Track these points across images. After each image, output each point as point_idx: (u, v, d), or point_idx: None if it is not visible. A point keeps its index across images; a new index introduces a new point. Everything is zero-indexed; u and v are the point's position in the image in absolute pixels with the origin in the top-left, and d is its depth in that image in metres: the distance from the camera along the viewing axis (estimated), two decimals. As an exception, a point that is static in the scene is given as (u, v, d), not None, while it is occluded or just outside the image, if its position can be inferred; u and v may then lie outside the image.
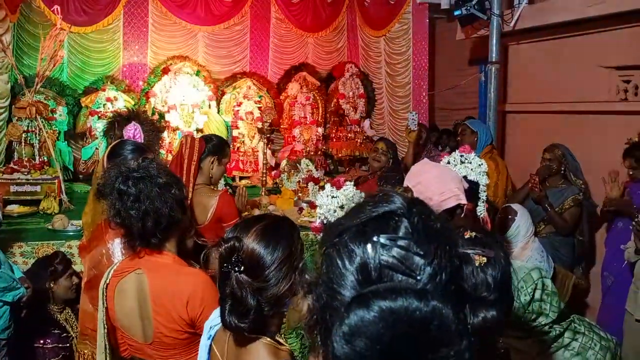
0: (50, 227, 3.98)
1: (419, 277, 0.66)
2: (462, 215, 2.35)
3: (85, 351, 2.26)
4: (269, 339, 1.39)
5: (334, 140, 7.36)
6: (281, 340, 1.45)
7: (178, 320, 1.76)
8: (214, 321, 1.55)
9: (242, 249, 1.37)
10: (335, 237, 0.74)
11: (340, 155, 7.33)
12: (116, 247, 2.13)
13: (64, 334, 3.10)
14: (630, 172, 3.90)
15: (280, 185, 5.45)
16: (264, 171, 5.20)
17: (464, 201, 2.16)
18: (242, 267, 1.35)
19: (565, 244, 4.00)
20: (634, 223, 3.24)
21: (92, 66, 6.43)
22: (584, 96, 4.80)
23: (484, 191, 2.82)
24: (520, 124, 5.61)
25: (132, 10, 6.65)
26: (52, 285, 3.11)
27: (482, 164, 2.80)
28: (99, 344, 1.95)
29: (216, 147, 3.16)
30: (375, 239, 0.69)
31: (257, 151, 6.74)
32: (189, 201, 2.86)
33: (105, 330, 1.91)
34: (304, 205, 4.47)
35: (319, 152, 7.12)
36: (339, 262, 0.70)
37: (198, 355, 1.61)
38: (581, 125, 4.85)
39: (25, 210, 4.45)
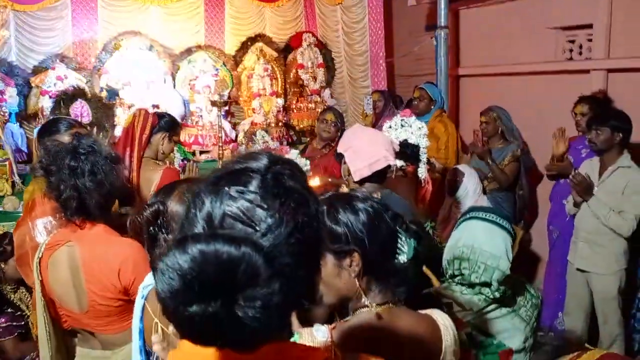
0: (1, 209, 3.94)
1: (257, 228, 0.72)
2: (395, 176, 2.43)
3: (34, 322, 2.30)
4: None
5: (295, 111, 7.35)
6: None
7: (111, 288, 1.80)
8: (146, 282, 1.61)
9: (167, 211, 1.42)
10: (198, 187, 0.79)
11: (302, 126, 7.33)
12: (39, 227, 2.15)
13: (18, 313, 3.11)
14: (579, 119, 4.01)
15: (238, 158, 5.45)
16: (221, 144, 5.19)
17: (392, 162, 2.23)
18: (169, 229, 1.40)
19: (507, 199, 4.17)
20: (570, 178, 3.38)
21: (41, 45, 6.24)
22: (532, 57, 4.91)
23: (425, 153, 2.92)
24: (473, 87, 5.72)
25: (79, -15, 6.46)
26: (2, 265, 3.10)
27: (422, 127, 2.89)
28: (39, 317, 1.99)
29: (168, 124, 3.19)
30: (226, 189, 0.74)
31: (215, 125, 6.70)
32: (134, 173, 2.89)
33: (43, 303, 1.95)
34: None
35: (280, 124, 7.12)
36: (192, 209, 0.76)
37: (134, 315, 1.66)
38: (530, 86, 4.97)
39: (-24, 194, 4.39)
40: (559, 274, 3.93)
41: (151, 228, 1.47)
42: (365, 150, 2.20)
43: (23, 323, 3.13)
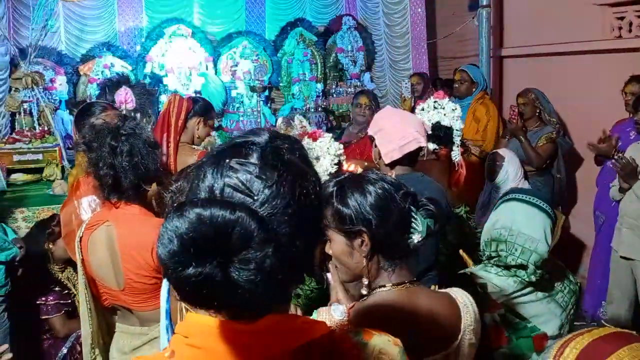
0: (51, 192, 4.13)
1: (255, 198, 0.75)
2: (427, 159, 2.40)
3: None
4: None
5: (335, 95, 7.34)
6: None
7: (145, 266, 1.87)
8: None
9: None
10: (202, 160, 0.82)
11: (341, 110, 7.32)
12: (84, 205, 2.24)
13: (65, 291, 3.26)
14: (629, 99, 3.84)
15: (277, 143, 5.50)
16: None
17: (424, 144, 2.20)
18: None
19: (546, 183, 4.06)
20: (613, 161, 3.25)
21: (88, 33, 6.47)
22: (579, 36, 4.71)
23: (459, 136, 2.86)
24: (517, 68, 5.54)
25: (124, -26, 6.63)
26: (50, 246, 3.25)
27: (455, 109, 2.84)
28: (80, 294, 2.08)
29: (203, 108, 3.25)
30: (227, 161, 0.77)
31: (256, 110, 6.77)
32: (171, 158, 2.97)
33: (85, 281, 2.04)
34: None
35: (319, 109, 7.12)
36: (196, 181, 0.79)
37: (160, 295, 1.72)
38: (577, 66, 4.77)
39: (29, 178, 4.62)
40: (604, 261, 3.80)
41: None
42: (396, 132, 2.17)
43: (70, 301, 3.28)
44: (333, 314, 1.21)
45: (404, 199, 1.28)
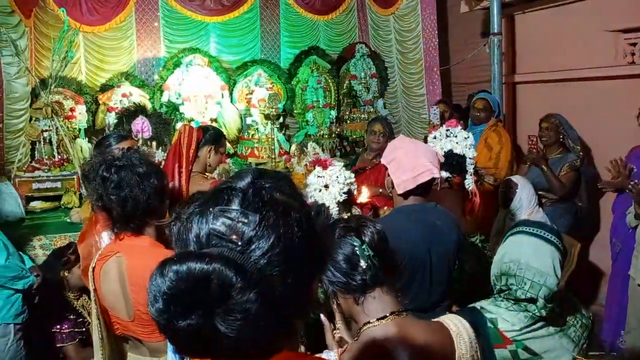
0: (68, 220, 4.20)
1: (239, 243, 0.76)
2: (440, 188, 2.40)
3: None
4: None
5: (348, 122, 7.40)
6: None
7: (152, 298, 1.89)
8: None
9: None
10: (188, 208, 0.84)
11: (355, 136, 7.36)
12: (104, 239, 2.28)
13: (80, 319, 3.30)
14: None
15: (291, 170, 5.55)
16: (274, 157, 5.30)
17: (437, 175, 2.20)
18: None
19: (568, 211, 4.01)
20: (629, 187, 3.22)
21: (108, 63, 6.63)
22: (591, 62, 4.72)
23: (472, 164, 2.86)
24: (530, 95, 5.54)
25: (143, 7, 6.81)
26: (66, 274, 3.30)
27: (467, 137, 2.84)
28: (93, 323, 2.11)
29: (213, 136, 3.30)
30: (210, 209, 0.79)
31: (271, 137, 6.85)
32: (184, 188, 3.01)
33: (98, 311, 2.07)
34: (312, 187, 4.56)
35: (333, 135, 7.17)
36: (184, 232, 0.81)
37: None
38: (590, 92, 4.77)
39: (47, 206, 4.71)
40: (622, 289, 3.73)
41: None
42: (409, 163, 2.17)
43: (84, 329, 3.32)
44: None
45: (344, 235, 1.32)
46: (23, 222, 4.15)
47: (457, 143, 2.73)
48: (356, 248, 1.31)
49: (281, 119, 6.92)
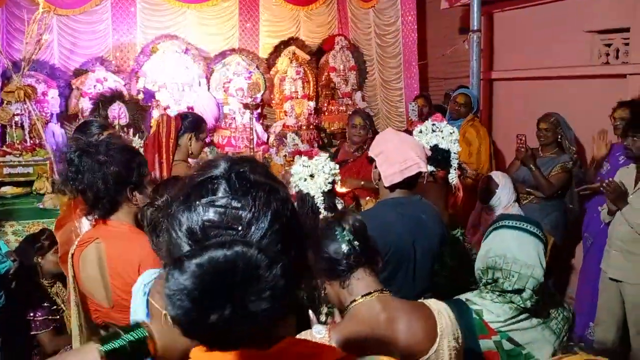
0: (41, 206, 4.10)
1: (239, 228, 0.75)
2: (425, 182, 2.42)
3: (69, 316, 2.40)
4: None
5: (326, 113, 7.40)
6: None
7: (132, 284, 1.85)
8: (145, 279, 1.69)
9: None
10: (168, 208, 0.82)
11: (332, 128, 7.37)
12: (84, 224, 2.23)
13: (54, 307, 3.23)
14: (618, 124, 3.89)
15: (269, 160, 5.53)
16: (252, 147, 5.27)
17: (424, 169, 2.22)
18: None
19: (556, 208, 4.09)
20: (603, 185, 3.31)
21: (82, 48, 6.47)
22: (568, 61, 4.81)
23: (456, 159, 2.89)
24: (507, 91, 5.63)
25: (119, -10, 6.66)
26: (39, 260, 3.23)
27: (453, 132, 2.87)
28: (72, 311, 2.07)
29: (192, 123, 3.25)
30: (197, 202, 0.77)
31: (249, 127, 6.80)
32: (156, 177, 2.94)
33: (77, 298, 2.03)
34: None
35: (311, 126, 7.16)
36: (172, 232, 0.78)
37: (135, 314, 1.71)
38: (565, 91, 4.86)
39: (18, 191, 4.59)
40: (592, 282, 3.84)
41: (161, 218, 1.56)
42: (397, 156, 2.19)
43: (58, 317, 3.25)
44: (315, 335, 1.24)
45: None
46: (-7, 208, 4.04)
47: (442, 138, 2.75)
48: (337, 234, 1.41)
49: (259, 109, 6.87)
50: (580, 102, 4.67)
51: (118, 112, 3.97)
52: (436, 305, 1.37)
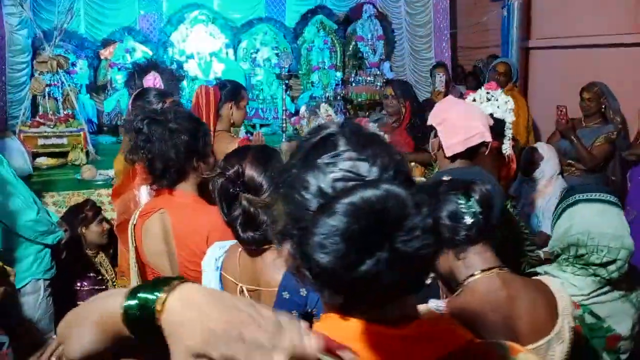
0: (79, 177, 4.11)
1: (368, 179, 0.72)
2: (487, 152, 2.35)
3: (124, 286, 2.40)
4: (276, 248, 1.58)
5: (353, 84, 7.27)
6: None
7: (200, 255, 1.84)
8: (216, 254, 1.69)
9: (244, 173, 1.51)
10: (284, 176, 0.78)
11: (360, 99, 7.26)
12: (143, 193, 2.22)
13: (99, 277, 3.25)
14: None
15: (300, 132, 5.47)
16: (284, 118, 5.19)
17: (488, 139, 2.14)
18: (248, 188, 1.51)
19: (599, 182, 3.99)
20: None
21: (108, 17, 6.40)
22: (608, 29, 4.65)
23: (510, 129, 2.81)
24: (544, 60, 5.48)
25: (145, -42, 6.55)
26: (83, 230, 3.24)
27: (508, 101, 2.77)
28: (132, 282, 2.06)
29: (231, 92, 3.18)
30: (320, 161, 0.74)
31: (276, 98, 6.73)
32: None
33: (137, 269, 2.02)
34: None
35: (338, 97, 7.06)
36: (297, 195, 0.74)
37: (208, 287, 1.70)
38: (606, 59, 4.72)
39: (54, 163, 4.59)
40: (635, 255, 3.77)
41: (234, 188, 1.53)
42: (461, 125, 2.11)
43: (104, 287, 3.28)
44: (433, 310, 1.19)
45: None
46: (31, 179, 4.04)
47: (497, 107, 2.67)
48: (462, 205, 1.33)
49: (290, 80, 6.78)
50: (622, 71, 4.53)
51: (153, 82, 3.92)
52: (554, 284, 1.31)
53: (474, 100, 2.67)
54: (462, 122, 2.11)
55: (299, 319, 0.64)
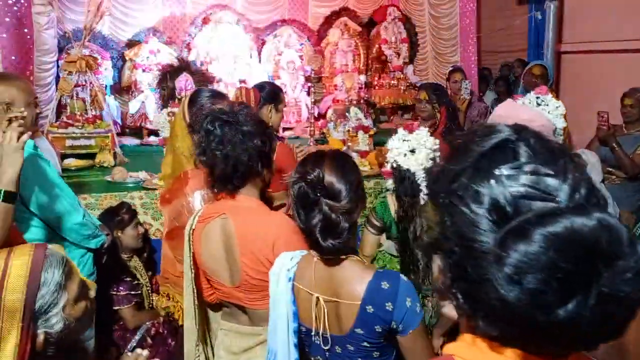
0: (110, 179, 4.05)
1: (558, 199, 0.62)
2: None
3: (168, 292, 2.34)
4: (356, 257, 1.56)
5: (377, 87, 7.20)
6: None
7: (265, 262, 1.77)
8: (287, 264, 1.62)
9: (324, 178, 1.47)
10: (449, 183, 0.69)
11: (383, 103, 7.19)
12: (196, 199, 2.15)
13: (135, 282, 3.19)
14: None
15: (327, 135, 5.40)
16: (312, 121, 5.13)
17: None
18: (327, 194, 1.47)
19: (637, 190, 3.90)
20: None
21: (133, 18, 6.37)
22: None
23: (561, 135, 2.72)
24: (577, 64, 5.38)
25: (169, -42, 6.52)
26: (119, 234, 3.18)
27: (559, 106, 2.69)
28: (186, 289, 1.99)
29: (270, 94, 3.13)
30: (497, 172, 0.64)
31: (300, 101, 6.67)
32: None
33: (193, 275, 1.95)
34: (354, 154, 4.42)
35: (362, 101, 6.99)
36: (465, 208, 0.65)
37: (276, 301, 1.63)
38: (637, 64, 4.62)
39: (82, 164, 4.53)
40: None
41: (315, 194, 1.48)
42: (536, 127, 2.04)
43: (139, 292, 3.21)
44: None
45: None
46: (60, 180, 3.98)
47: (548, 112, 2.58)
48: None
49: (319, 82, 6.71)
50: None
51: (185, 84, 3.87)
52: None
53: (523, 104, 2.58)
54: (536, 124, 2.02)
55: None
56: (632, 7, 4.61)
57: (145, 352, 1.45)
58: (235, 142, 1.78)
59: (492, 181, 0.64)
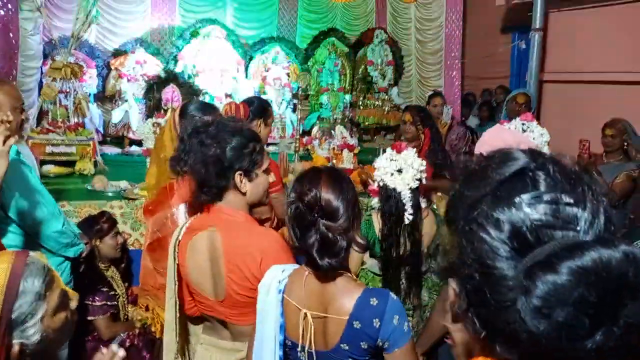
0: (90, 187, 3.99)
1: (578, 228, 0.63)
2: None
3: (147, 304, 2.29)
4: (349, 274, 1.56)
5: (361, 108, 7.27)
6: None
7: (251, 278, 1.74)
8: (279, 276, 1.61)
9: (321, 198, 1.46)
10: (467, 210, 0.69)
11: (367, 123, 7.25)
12: (181, 211, 2.12)
13: (111, 292, 3.13)
14: None
15: (311, 152, 5.41)
16: (297, 137, 5.14)
17: None
18: (325, 213, 1.46)
19: (619, 218, 3.96)
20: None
21: (120, 28, 6.35)
22: (626, 65, 4.69)
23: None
24: (558, 93, 5.51)
25: (160, -30, 6.54)
26: (98, 243, 3.12)
27: (544, 133, 2.73)
28: (168, 301, 1.95)
29: (259, 109, 3.12)
30: (517, 200, 0.65)
31: (284, 117, 6.68)
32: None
33: (176, 286, 1.91)
34: (339, 172, 4.42)
35: (346, 120, 7.03)
36: (485, 235, 0.66)
37: (264, 311, 1.61)
38: (623, 96, 4.75)
39: (61, 171, 4.47)
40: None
41: (312, 214, 1.47)
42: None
43: (115, 303, 3.15)
44: None
45: None
46: (38, 187, 3.90)
47: (533, 138, 2.62)
48: None
49: (294, 100, 6.76)
50: (632, 108, 4.54)
51: (171, 95, 3.85)
52: None
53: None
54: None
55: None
56: (615, 39, 4.76)
57: (122, 352, 1.40)
58: (195, 152, 1.76)
59: (513, 209, 0.65)
